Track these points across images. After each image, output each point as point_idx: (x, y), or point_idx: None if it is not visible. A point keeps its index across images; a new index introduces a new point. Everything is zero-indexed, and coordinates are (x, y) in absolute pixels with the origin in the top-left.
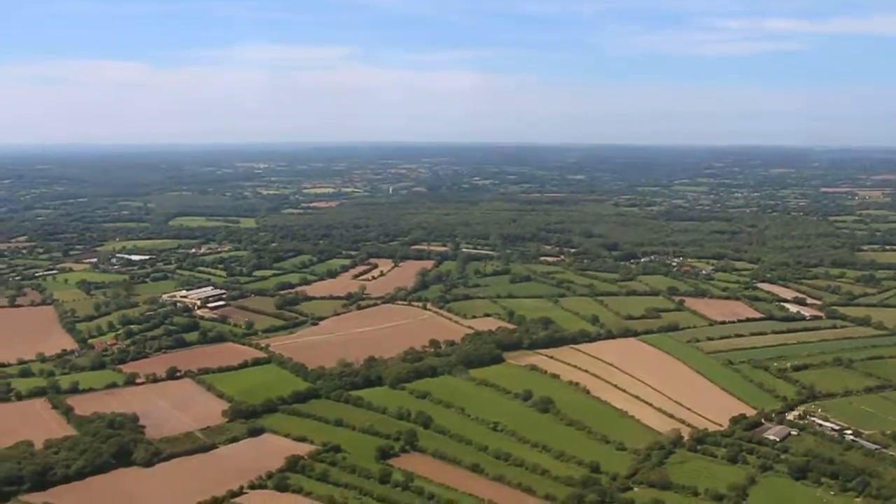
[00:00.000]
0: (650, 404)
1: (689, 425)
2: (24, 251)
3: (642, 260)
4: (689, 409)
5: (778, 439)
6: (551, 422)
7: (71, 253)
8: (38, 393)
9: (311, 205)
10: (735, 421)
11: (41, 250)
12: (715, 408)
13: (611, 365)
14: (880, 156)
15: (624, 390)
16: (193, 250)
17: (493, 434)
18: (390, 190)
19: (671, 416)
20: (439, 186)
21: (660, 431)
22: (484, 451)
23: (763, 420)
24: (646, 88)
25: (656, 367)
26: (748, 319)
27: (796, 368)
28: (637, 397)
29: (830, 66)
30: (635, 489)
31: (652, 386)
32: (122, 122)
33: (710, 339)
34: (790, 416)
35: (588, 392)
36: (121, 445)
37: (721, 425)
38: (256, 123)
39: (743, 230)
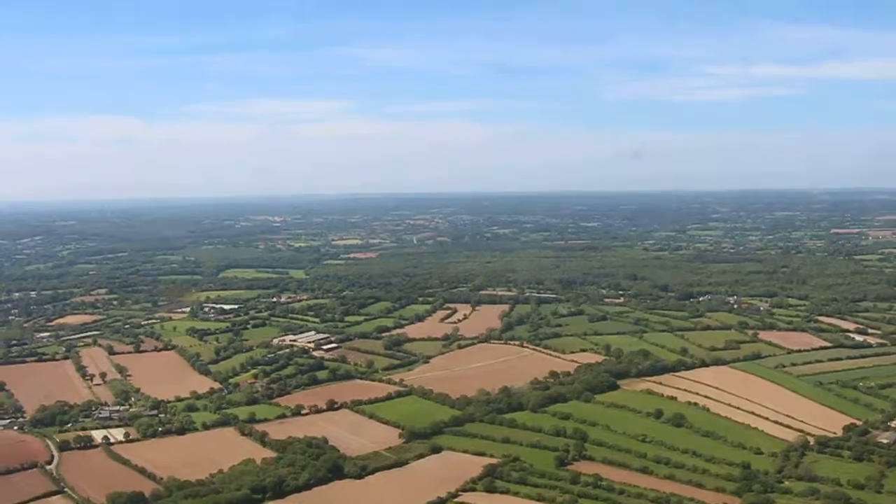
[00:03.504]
0: (766, 418)
1: (807, 434)
2: (114, 302)
3: (701, 299)
4: (801, 421)
5: (891, 442)
6: (688, 434)
7: (159, 304)
8: (220, 423)
9: (350, 256)
10: (847, 429)
11: (130, 301)
12: (823, 419)
13: (716, 388)
14: (873, 197)
15: (738, 408)
16: (274, 299)
17: (644, 445)
18: (415, 240)
19: (789, 427)
20: (462, 236)
21: (786, 439)
22: (644, 458)
23: (870, 429)
24: (638, 135)
25: (756, 388)
26: (821, 348)
27: (882, 387)
28: (752, 413)
29: (819, 111)
30: (786, 482)
31: (760, 404)
32: (120, 176)
33: (793, 364)
34: (893, 424)
35: (708, 410)
36: (333, 461)
37: (835, 433)
38: (256, 177)
39: (777, 270)
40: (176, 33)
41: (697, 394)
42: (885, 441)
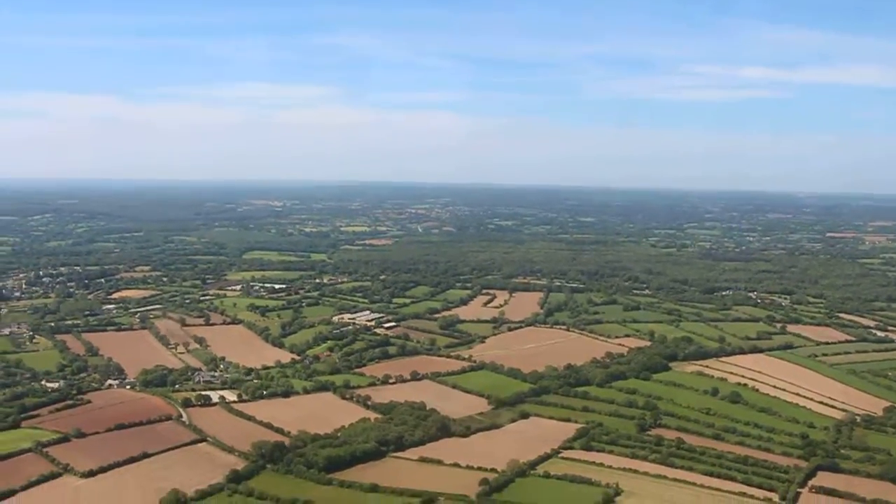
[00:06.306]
0: (811, 399)
1: (850, 413)
2: (164, 279)
3: (724, 293)
4: (843, 402)
5: None
6: (746, 409)
7: (207, 281)
8: (319, 388)
9: (366, 242)
10: (888, 410)
11: (180, 279)
12: (862, 401)
13: (759, 372)
14: (859, 202)
15: (783, 390)
16: (317, 280)
17: (710, 416)
18: (419, 229)
19: (833, 407)
20: (466, 227)
21: (833, 416)
22: (712, 427)
23: None
24: (621, 132)
25: (796, 374)
26: (846, 341)
27: None
28: (797, 394)
29: (802, 114)
30: (843, 451)
31: (802, 387)
32: (96, 156)
33: (825, 354)
34: None
35: (757, 391)
36: (441, 422)
37: (877, 413)
38: (235, 160)
39: (786, 270)
40: (157, 14)
41: (743, 377)
42: None
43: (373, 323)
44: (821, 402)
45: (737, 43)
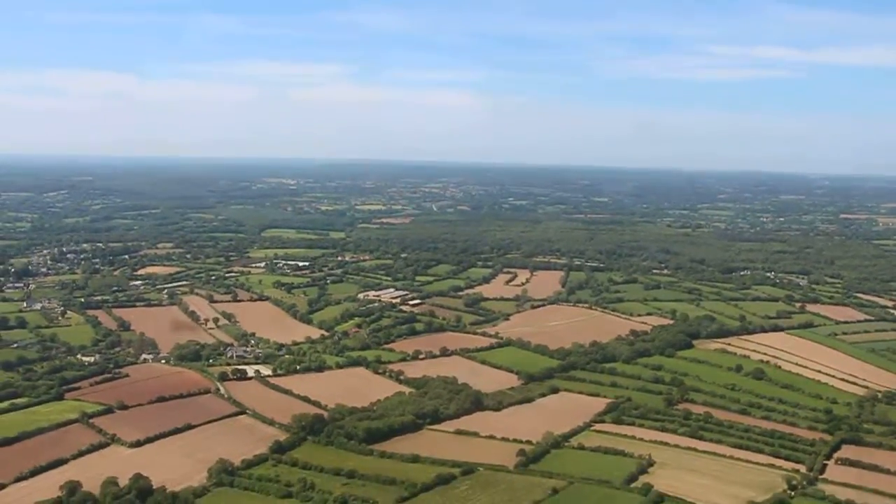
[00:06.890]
0: (832, 376)
1: (872, 390)
2: (188, 256)
3: (742, 273)
4: (864, 379)
5: None
6: (769, 385)
7: (231, 258)
8: (351, 364)
9: (383, 221)
10: None
11: (204, 256)
12: (883, 379)
13: (781, 350)
14: (871, 184)
15: (805, 367)
16: (339, 258)
17: (735, 392)
18: (434, 208)
19: (854, 384)
20: (480, 206)
21: (855, 393)
22: (738, 402)
23: None
24: (634, 111)
25: (817, 352)
26: (865, 320)
27: None
28: (819, 371)
29: (816, 96)
30: (866, 426)
31: (823, 364)
32: (110, 132)
33: (844, 333)
34: None
35: (780, 368)
36: (474, 395)
37: None
38: (250, 138)
39: (802, 251)
40: None
41: (766, 354)
42: None
43: (398, 300)
44: (842, 379)
45: (752, 23)
